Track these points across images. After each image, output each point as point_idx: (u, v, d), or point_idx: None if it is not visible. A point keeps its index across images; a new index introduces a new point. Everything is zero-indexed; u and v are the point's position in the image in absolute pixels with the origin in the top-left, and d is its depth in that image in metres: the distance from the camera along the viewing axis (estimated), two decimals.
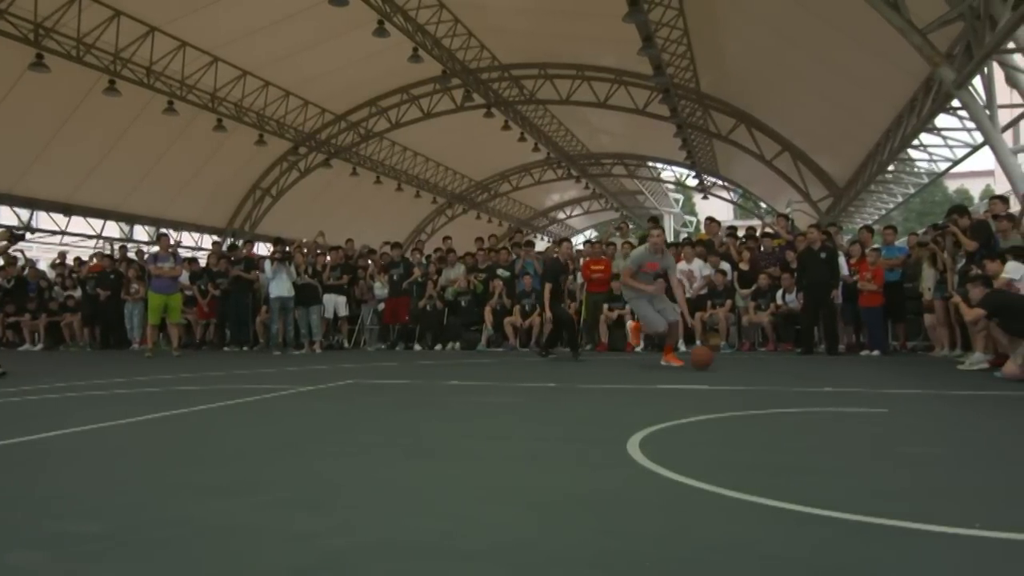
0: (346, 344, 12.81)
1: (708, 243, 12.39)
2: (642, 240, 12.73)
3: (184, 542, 2.06)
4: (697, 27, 17.03)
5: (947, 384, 6.18)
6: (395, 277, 12.42)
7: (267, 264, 11.43)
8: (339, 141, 24.35)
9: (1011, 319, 6.60)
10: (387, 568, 1.84)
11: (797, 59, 16.17)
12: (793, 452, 3.44)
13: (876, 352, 9.77)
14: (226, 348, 12.68)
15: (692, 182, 32.45)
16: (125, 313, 13.15)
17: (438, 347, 12.03)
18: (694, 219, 38.88)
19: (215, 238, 21.34)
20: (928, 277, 9.58)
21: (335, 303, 12.28)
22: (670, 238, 28.63)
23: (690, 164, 28.17)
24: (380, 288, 12.74)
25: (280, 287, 11.05)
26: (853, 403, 5.00)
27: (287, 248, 11.75)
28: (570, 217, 43.78)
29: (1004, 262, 7.32)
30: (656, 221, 15.86)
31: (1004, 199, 9.85)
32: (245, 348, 12.46)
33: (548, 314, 9.74)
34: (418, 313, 12.38)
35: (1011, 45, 9.97)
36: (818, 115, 18.49)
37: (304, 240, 13.57)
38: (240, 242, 19.05)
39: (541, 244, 42.88)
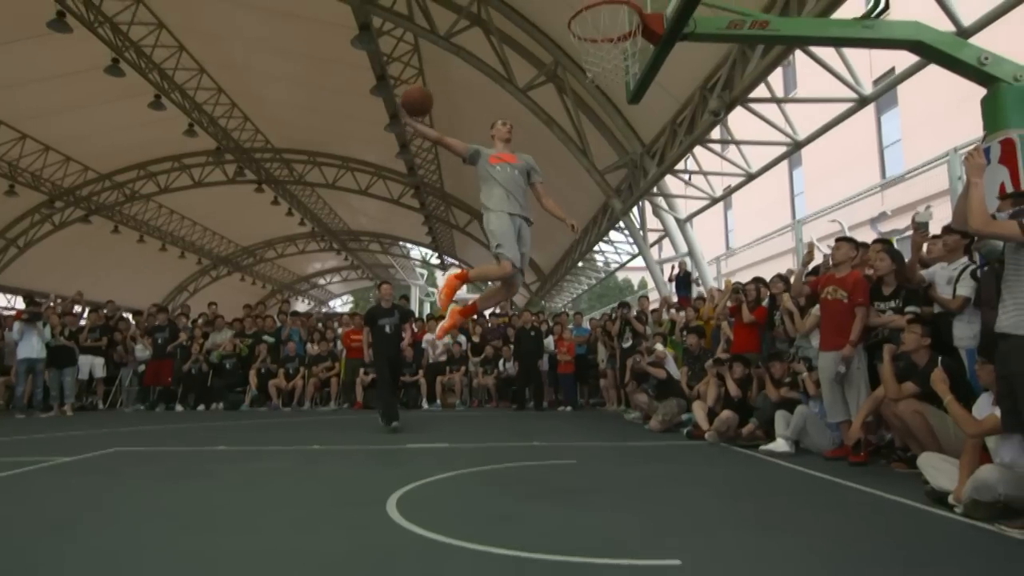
0: (101, 405, 11.00)
1: None
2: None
3: None
4: None
5: (617, 436, 7.22)
6: (160, 340, 11.07)
7: (15, 325, 9.49)
8: (101, 199, 21.29)
9: (659, 384, 8.01)
10: None
11: None
12: (514, 503, 3.82)
13: (569, 408, 11.00)
14: None
15: (435, 261, 33.73)
16: None
17: (200, 407, 10.90)
18: (436, 291, 40.25)
19: None
20: (602, 351, 11.11)
21: (91, 364, 10.56)
22: (416, 309, 29.28)
23: (434, 247, 29.37)
24: (142, 350, 11.24)
25: (29, 348, 9.23)
26: (553, 456, 5.65)
27: (39, 308, 9.93)
28: (330, 283, 42.55)
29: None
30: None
31: (647, 297, 11.95)
32: None
33: (367, 357, 8.04)
34: (181, 375, 11.15)
35: (655, 190, 12.28)
36: (532, 218, 20.62)
37: (59, 300, 11.54)
38: None
39: (302, 306, 40.74)
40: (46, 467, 4.94)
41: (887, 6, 5.14)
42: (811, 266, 6.56)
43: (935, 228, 5.44)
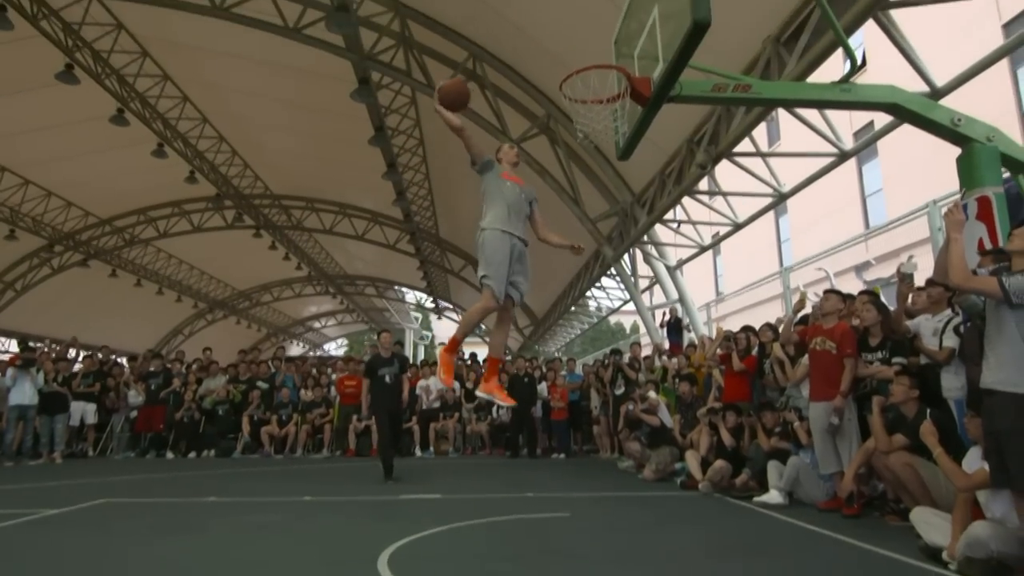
0: (91, 452, 10.77)
1: None
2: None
3: None
4: (439, 188, 18.48)
5: (610, 486, 7.09)
6: (153, 387, 10.92)
7: (9, 370, 9.35)
8: (101, 243, 21.32)
9: (652, 433, 7.93)
10: None
11: None
12: (508, 561, 3.72)
13: (562, 455, 10.85)
14: None
15: (429, 305, 33.73)
16: None
17: (192, 455, 10.69)
18: (430, 334, 40.02)
19: None
20: (595, 399, 11.04)
21: (83, 410, 10.38)
22: (409, 353, 29.09)
23: (429, 291, 29.41)
24: (135, 396, 11.08)
25: (20, 395, 9.08)
26: (547, 508, 5.53)
27: (33, 354, 9.81)
28: (325, 327, 42.32)
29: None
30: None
31: (639, 344, 11.96)
32: None
33: (364, 408, 8.00)
34: (173, 422, 10.96)
35: (646, 238, 12.41)
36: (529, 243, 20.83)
37: (53, 345, 11.43)
38: None
39: (297, 349, 40.35)
40: (33, 520, 4.80)
41: (864, 63, 5.33)
42: (800, 314, 6.61)
43: (919, 279, 5.52)
